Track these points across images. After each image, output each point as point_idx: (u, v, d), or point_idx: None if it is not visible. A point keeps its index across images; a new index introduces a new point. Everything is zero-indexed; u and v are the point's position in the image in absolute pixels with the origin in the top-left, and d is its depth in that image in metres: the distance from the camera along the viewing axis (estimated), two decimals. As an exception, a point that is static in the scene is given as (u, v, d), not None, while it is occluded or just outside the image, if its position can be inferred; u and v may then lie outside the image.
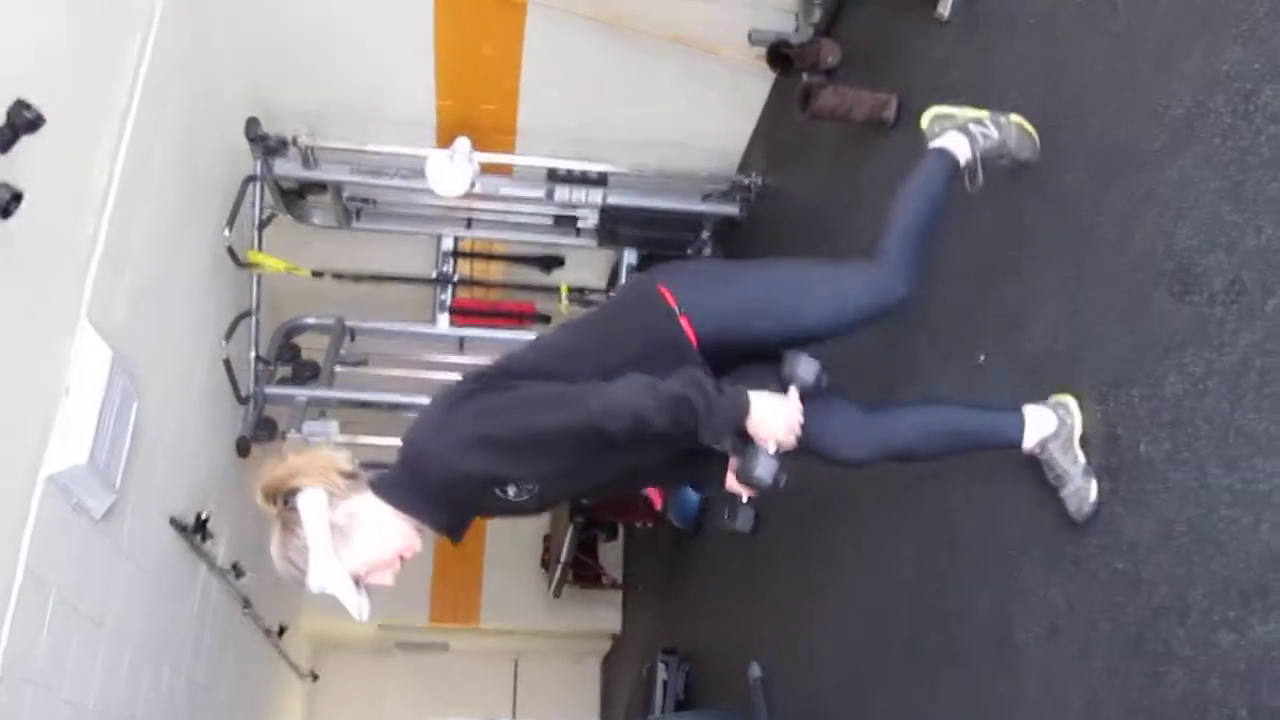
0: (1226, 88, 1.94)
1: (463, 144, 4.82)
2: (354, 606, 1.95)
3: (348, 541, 1.93)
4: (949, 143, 2.40)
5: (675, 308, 2.08)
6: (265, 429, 4.92)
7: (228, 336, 4.66)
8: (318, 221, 5.38)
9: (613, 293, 2.21)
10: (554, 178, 5.11)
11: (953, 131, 2.43)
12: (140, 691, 4.04)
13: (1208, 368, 1.92)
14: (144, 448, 3.79)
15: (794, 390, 2.06)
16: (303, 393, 5.05)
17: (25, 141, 2.67)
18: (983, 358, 2.77)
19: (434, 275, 5.56)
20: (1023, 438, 2.27)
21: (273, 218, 5.11)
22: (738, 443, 2.05)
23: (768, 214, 5.05)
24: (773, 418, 2.00)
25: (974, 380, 2.79)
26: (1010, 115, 2.47)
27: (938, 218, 2.32)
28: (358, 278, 5.29)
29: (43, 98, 2.69)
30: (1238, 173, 1.89)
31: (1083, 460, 2.23)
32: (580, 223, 5.49)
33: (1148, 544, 2.04)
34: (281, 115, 4.95)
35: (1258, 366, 1.80)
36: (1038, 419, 2.27)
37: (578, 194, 5.16)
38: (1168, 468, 2.00)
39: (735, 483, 2.14)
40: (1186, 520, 1.94)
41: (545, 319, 5.75)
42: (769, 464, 2.01)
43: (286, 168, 4.95)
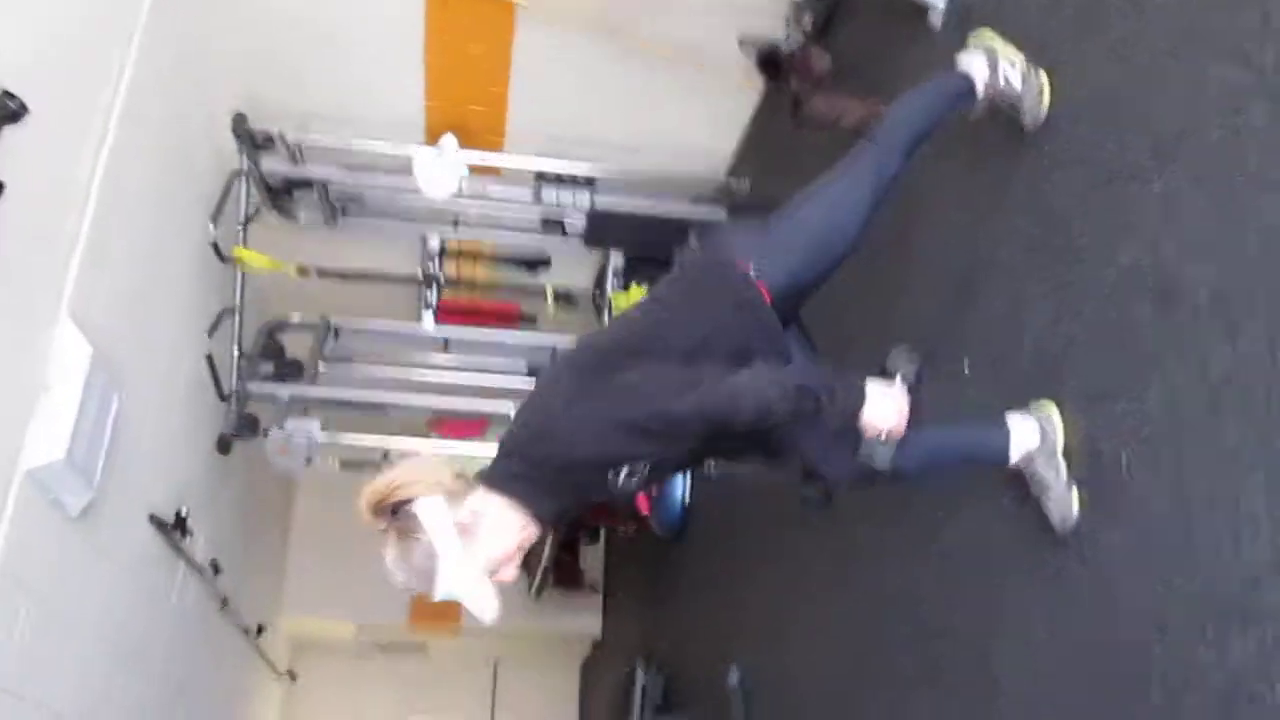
0: (1215, 105, 1.94)
1: (449, 140, 4.80)
2: (487, 607, 1.95)
3: (474, 540, 1.94)
4: (973, 67, 2.49)
5: (750, 273, 2.15)
6: (247, 426, 4.89)
7: (211, 333, 4.63)
8: (304, 219, 5.34)
9: (677, 267, 2.23)
10: (542, 179, 5.10)
11: (981, 58, 2.49)
12: (114, 691, 4.00)
13: (1190, 381, 1.92)
14: (124, 444, 3.75)
15: (899, 381, 2.11)
16: (285, 390, 5.01)
17: (7, 132, 2.65)
18: (967, 366, 2.77)
19: (420, 274, 5.54)
20: (1009, 452, 2.28)
21: (258, 214, 5.07)
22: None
23: (757, 219, 5.03)
24: (887, 408, 2.04)
25: (958, 387, 2.78)
26: (1042, 73, 2.50)
27: (932, 128, 2.43)
28: (343, 276, 5.25)
29: (26, 89, 2.67)
30: (1224, 187, 1.89)
31: (1065, 472, 2.23)
32: (567, 225, 5.47)
33: (1127, 558, 2.04)
34: (269, 112, 4.92)
35: (1239, 381, 1.80)
36: (1021, 432, 2.27)
37: (565, 196, 5.14)
38: (1149, 481, 2.00)
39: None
40: (1166, 534, 1.94)
41: (531, 320, 5.74)
42: (885, 451, 2.08)
43: (273, 164, 4.92)
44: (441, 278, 5.57)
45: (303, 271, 5.15)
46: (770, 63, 4.20)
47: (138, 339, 3.97)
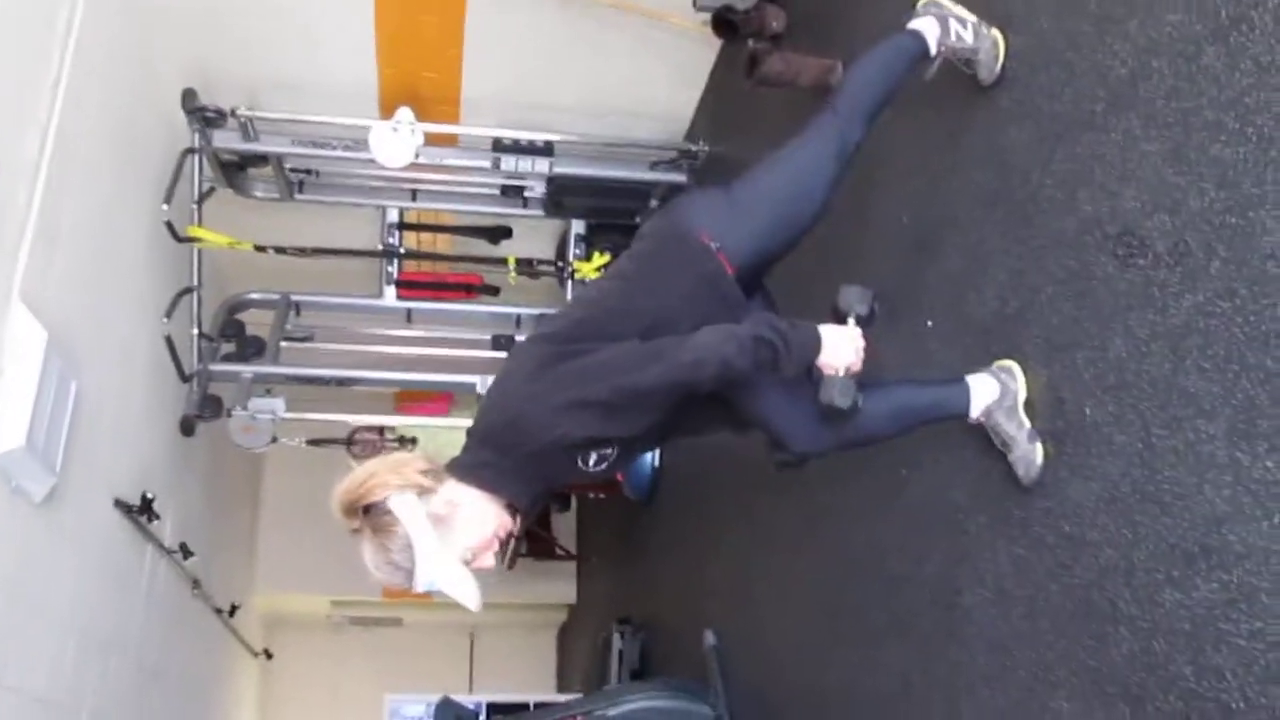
0: (1169, 49, 1.94)
1: (405, 114, 4.75)
2: (470, 595, 1.95)
3: (450, 531, 1.94)
4: (924, 26, 2.48)
5: (711, 244, 2.14)
6: (210, 407, 4.85)
7: (169, 314, 4.57)
8: (260, 194, 5.28)
9: (637, 240, 2.22)
10: (499, 147, 5.05)
11: (931, 17, 2.49)
12: (88, 679, 3.97)
13: (1151, 330, 1.93)
14: (85, 428, 3.71)
15: (852, 320, 2.13)
16: (248, 369, 4.97)
17: (-52, 115, 2.59)
18: (930, 322, 2.77)
19: (380, 248, 5.49)
20: (969, 407, 2.29)
21: (213, 191, 5.00)
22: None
23: (715, 181, 5.02)
24: (843, 348, 2.07)
25: (921, 345, 2.79)
26: (994, 29, 2.51)
27: (891, 93, 2.42)
28: (302, 251, 5.20)
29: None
30: (1181, 135, 1.89)
31: (1028, 425, 2.24)
32: (527, 193, 5.44)
33: (1093, 506, 2.06)
34: (220, 86, 4.84)
35: (1200, 328, 1.81)
36: (982, 387, 2.29)
37: (524, 164, 5.10)
38: (1112, 430, 2.02)
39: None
40: (1131, 482, 1.96)
41: (494, 290, 5.70)
42: (847, 386, 2.07)
43: (226, 139, 4.84)
44: (402, 250, 5.52)
45: (260, 248, 5.09)
46: (725, 23, 4.17)
47: (94, 321, 3.92)
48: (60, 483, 3.45)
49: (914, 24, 2.50)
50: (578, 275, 5.45)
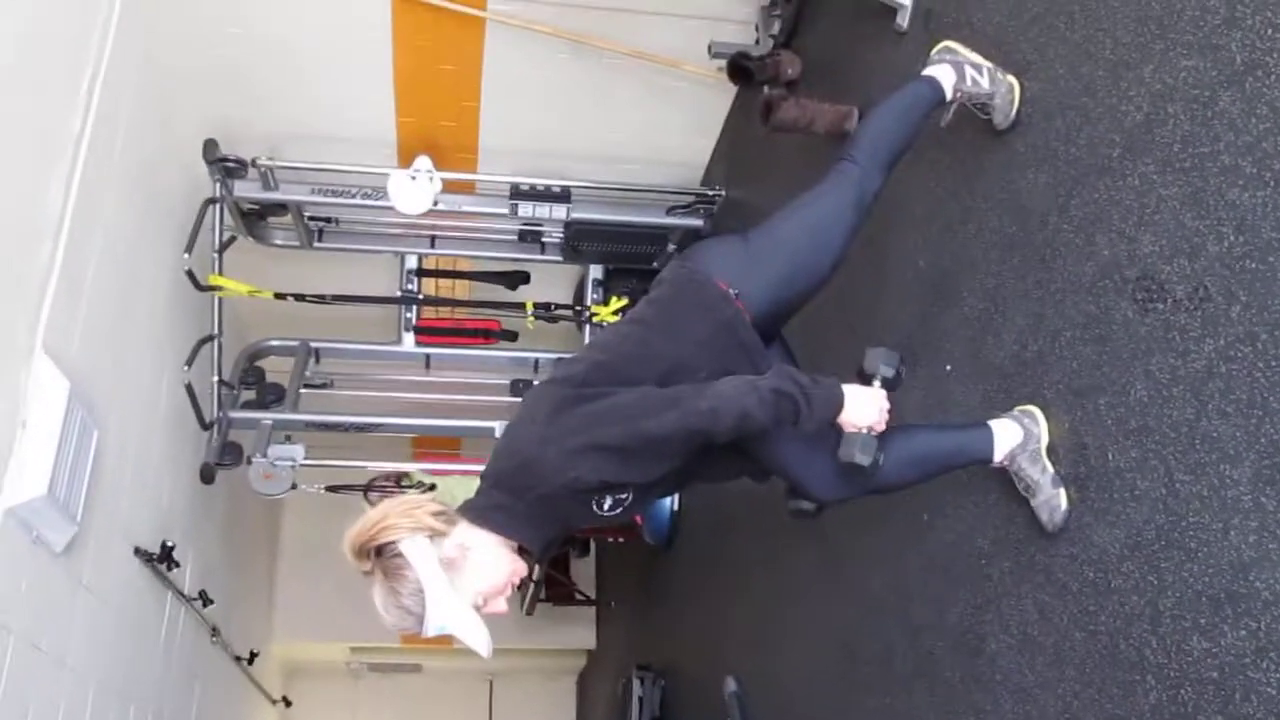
0: (1184, 94, 1.95)
1: (423, 162, 4.79)
2: (480, 640, 1.94)
3: (461, 575, 1.93)
4: (940, 74, 2.49)
5: (729, 291, 2.13)
6: (230, 454, 4.86)
7: (190, 362, 4.59)
8: (280, 243, 5.32)
9: (655, 286, 2.21)
10: (517, 194, 5.09)
11: (947, 65, 2.50)
12: (107, 727, 3.97)
13: (1173, 375, 1.92)
14: (106, 477, 3.73)
15: (878, 382, 2.12)
16: (268, 417, 4.99)
17: (-25, 170, 2.62)
18: (949, 367, 2.77)
19: (399, 294, 5.52)
20: (992, 453, 2.28)
21: (233, 240, 5.05)
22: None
23: (732, 227, 5.05)
24: (866, 408, 2.05)
25: (941, 389, 2.79)
26: (1009, 76, 2.52)
27: (909, 140, 2.44)
28: (321, 298, 5.23)
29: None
30: (1198, 180, 1.89)
31: (1051, 470, 2.23)
32: (545, 238, 5.47)
33: (1118, 552, 2.04)
34: (240, 136, 4.90)
35: (1222, 373, 1.80)
36: (1005, 431, 2.28)
37: (541, 209, 5.13)
38: (1136, 476, 2.00)
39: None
40: (1155, 528, 1.94)
41: (512, 335, 5.72)
42: (868, 444, 2.05)
43: (246, 189, 4.89)
44: (420, 296, 5.55)
45: (281, 296, 5.12)
46: (740, 69, 4.20)
47: (116, 371, 3.94)
48: (81, 532, 3.46)
49: (930, 70, 2.51)
50: (595, 319, 5.47)
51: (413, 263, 5.55)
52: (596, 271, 5.63)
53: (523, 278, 5.76)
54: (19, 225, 3.12)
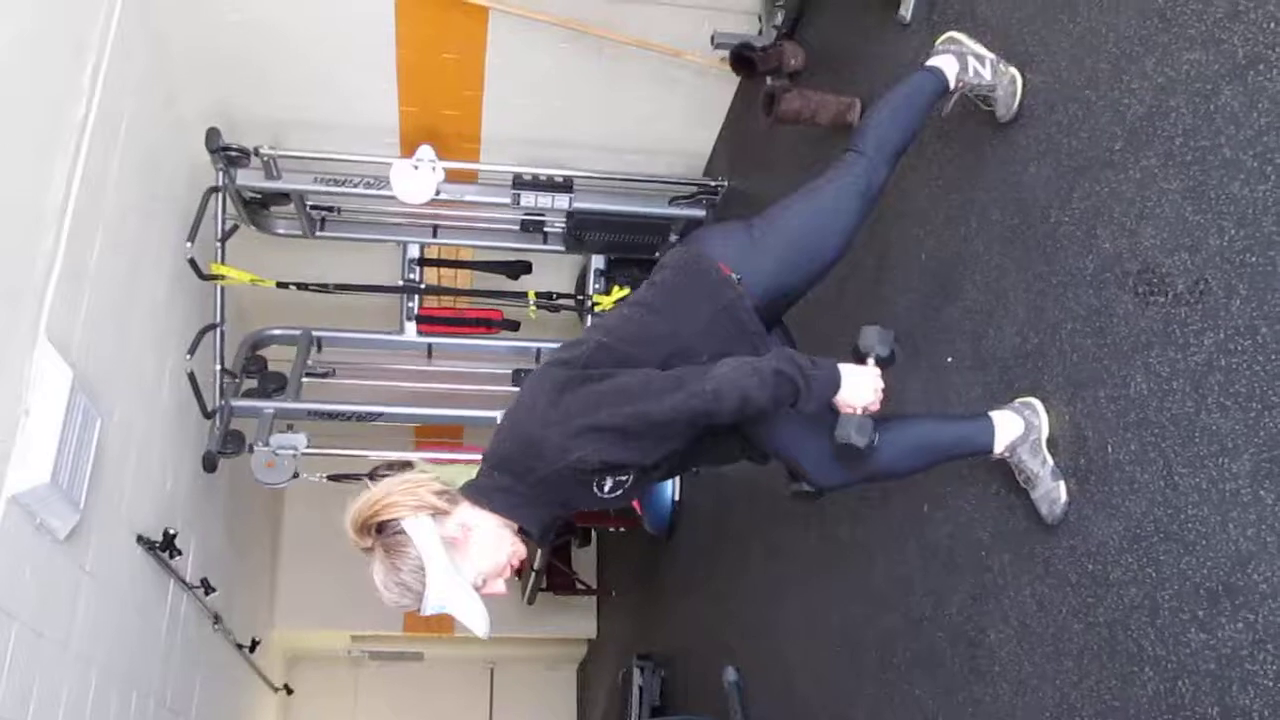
0: (1187, 88, 1.95)
1: (426, 151, 4.79)
2: (479, 620, 1.95)
3: (463, 555, 1.94)
4: (943, 64, 2.49)
5: (731, 275, 2.14)
6: (232, 443, 4.87)
7: (192, 350, 4.60)
8: (282, 232, 5.33)
9: (657, 270, 2.20)
10: (519, 184, 5.09)
11: (950, 55, 2.50)
12: (110, 716, 3.98)
13: (1173, 368, 1.93)
14: (108, 465, 3.74)
15: (872, 361, 2.13)
16: (270, 405, 5.00)
17: (-22, 158, 2.63)
18: (950, 359, 2.77)
19: (400, 284, 5.53)
20: (993, 444, 2.28)
21: (236, 229, 5.05)
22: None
23: (734, 218, 5.04)
24: (862, 388, 2.06)
25: (942, 382, 2.79)
26: (1012, 68, 2.52)
27: (914, 131, 2.43)
28: (323, 287, 5.24)
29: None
30: (1199, 173, 1.90)
31: (1051, 462, 2.24)
32: (547, 228, 5.47)
33: (1117, 545, 2.04)
34: (243, 125, 4.90)
35: (1222, 366, 1.81)
36: (1005, 423, 2.28)
37: (543, 199, 5.13)
38: (1135, 468, 2.01)
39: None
40: (1154, 521, 1.95)
41: (514, 325, 5.72)
42: (864, 425, 2.06)
43: (249, 178, 4.89)
44: (422, 286, 5.56)
45: (283, 285, 5.13)
46: (744, 60, 4.20)
47: (118, 359, 3.95)
48: (83, 519, 3.47)
49: (933, 61, 2.51)
50: (597, 309, 5.47)
51: (415, 252, 5.55)
52: (598, 262, 5.63)
53: (525, 267, 5.76)
54: (22, 214, 3.13)
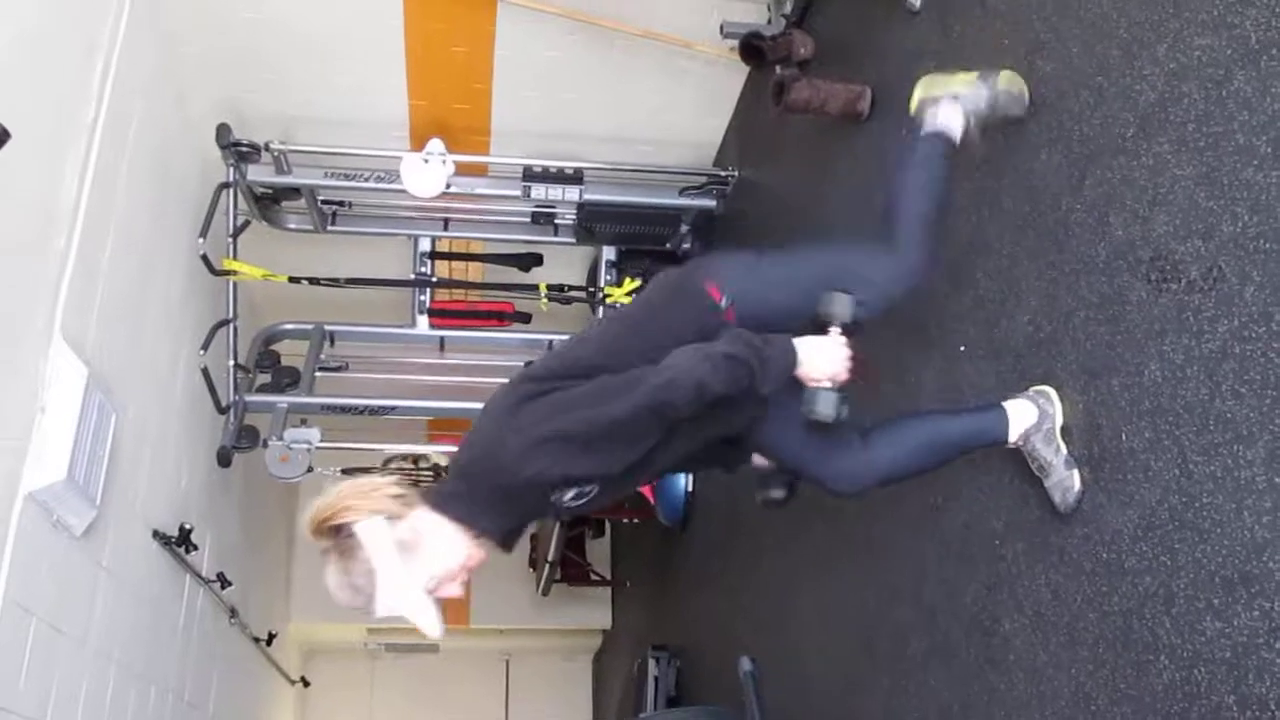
0: (1199, 74, 1.94)
1: (436, 144, 4.80)
2: (430, 623, 1.93)
3: (415, 558, 1.92)
4: (941, 122, 2.41)
5: (720, 303, 2.09)
6: (247, 438, 4.89)
7: (205, 346, 4.62)
8: (293, 227, 5.34)
9: (649, 289, 2.16)
10: (529, 176, 5.09)
11: (944, 106, 2.42)
12: (128, 708, 4.01)
13: (1187, 355, 1.92)
14: (124, 461, 3.76)
15: (835, 329, 2.08)
16: (283, 400, 5.01)
17: (-9, 158, 2.64)
18: (962, 347, 2.76)
19: (412, 277, 5.53)
20: (1007, 435, 2.28)
21: (247, 224, 5.07)
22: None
23: (745, 207, 5.04)
24: (821, 358, 2.04)
25: (955, 370, 2.78)
26: (1000, 74, 2.47)
27: (944, 198, 2.40)
28: (335, 282, 5.25)
29: (7, 112, 2.65)
30: (1212, 159, 1.88)
31: (1065, 451, 2.23)
32: (558, 220, 5.47)
33: (1131, 533, 2.04)
34: (253, 121, 4.91)
35: (1236, 353, 1.80)
36: (1019, 412, 2.28)
37: (554, 191, 5.13)
38: (1149, 456, 2.00)
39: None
40: (1169, 509, 1.94)
41: (525, 318, 5.73)
42: (829, 398, 2.03)
43: (260, 173, 4.90)
44: (434, 279, 5.56)
45: (295, 280, 5.14)
46: (753, 49, 4.19)
47: (133, 356, 3.97)
48: (100, 515, 3.49)
49: (930, 127, 2.42)
50: (609, 300, 5.47)
51: (426, 245, 5.56)
52: (609, 253, 5.63)
53: (536, 260, 5.76)
54: (35, 213, 3.14)
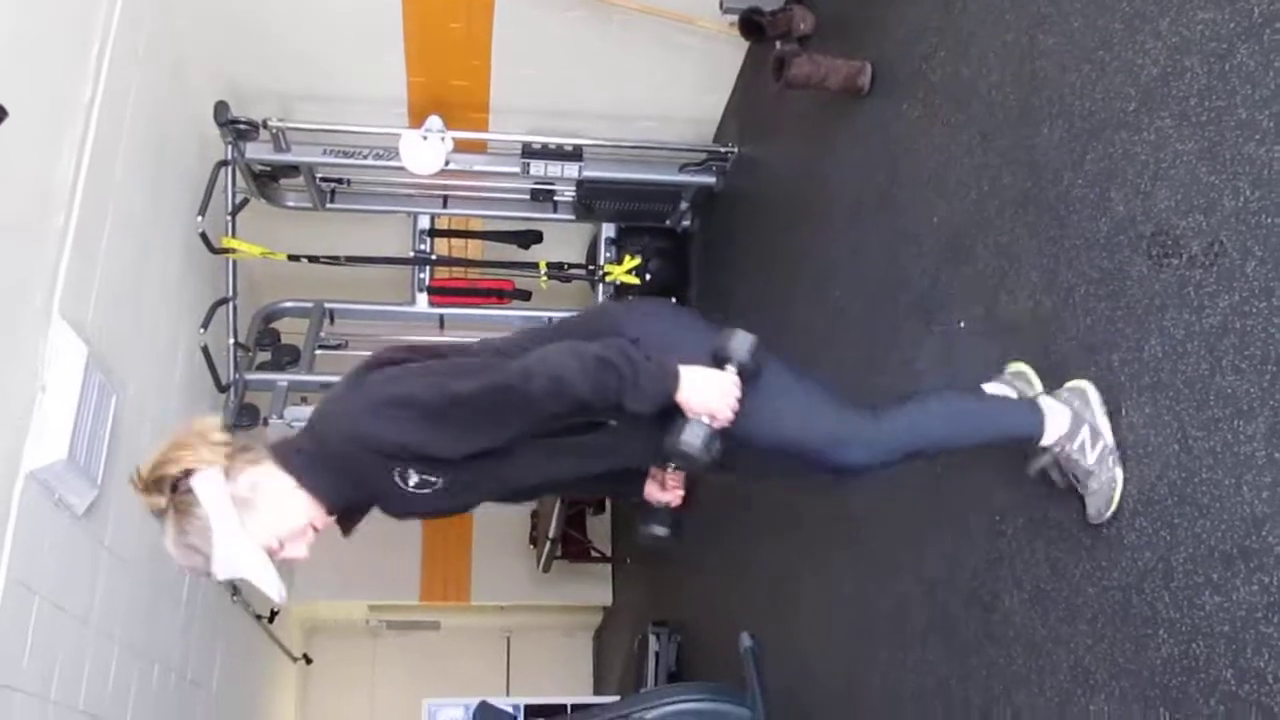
0: (1201, 47, 1.93)
1: (434, 121, 4.78)
2: (271, 584, 1.82)
3: (254, 514, 1.79)
4: (1051, 412, 2.13)
5: (631, 337, 1.90)
6: (247, 416, 4.90)
7: (205, 324, 4.62)
8: (292, 204, 5.33)
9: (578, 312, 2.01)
10: (528, 153, 5.07)
11: (1065, 407, 2.14)
12: (131, 687, 4.03)
13: (1187, 331, 1.92)
14: (125, 440, 3.75)
15: (731, 368, 1.90)
16: (283, 378, 5.02)
17: (-12, 136, 2.63)
18: (962, 323, 2.76)
19: (411, 255, 5.53)
20: (1041, 429, 2.14)
21: (246, 202, 5.06)
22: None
23: (745, 184, 5.03)
24: (708, 390, 1.85)
25: (954, 346, 2.78)
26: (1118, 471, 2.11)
27: (953, 447, 2.26)
28: (334, 260, 5.24)
29: (3, 91, 2.64)
30: (1214, 134, 1.88)
31: (1092, 446, 2.13)
32: (557, 197, 5.46)
33: (1131, 508, 2.04)
34: (251, 98, 4.89)
35: (1237, 329, 1.80)
36: (1053, 415, 2.14)
37: (553, 168, 5.12)
38: (1149, 431, 2.00)
39: (656, 492, 2.11)
40: (1168, 484, 1.94)
41: (525, 295, 5.73)
42: (698, 430, 1.83)
43: (258, 151, 4.89)
44: (433, 257, 5.56)
45: (294, 258, 5.13)
46: (753, 24, 4.17)
47: (133, 335, 3.97)
48: (101, 494, 3.50)
49: (1046, 401, 2.16)
50: (609, 278, 5.47)
51: (425, 223, 5.55)
52: (609, 230, 5.62)
53: (535, 237, 5.75)
54: (32, 192, 3.13)
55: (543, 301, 5.74)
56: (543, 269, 5.49)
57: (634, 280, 5.41)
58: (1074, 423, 2.11)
